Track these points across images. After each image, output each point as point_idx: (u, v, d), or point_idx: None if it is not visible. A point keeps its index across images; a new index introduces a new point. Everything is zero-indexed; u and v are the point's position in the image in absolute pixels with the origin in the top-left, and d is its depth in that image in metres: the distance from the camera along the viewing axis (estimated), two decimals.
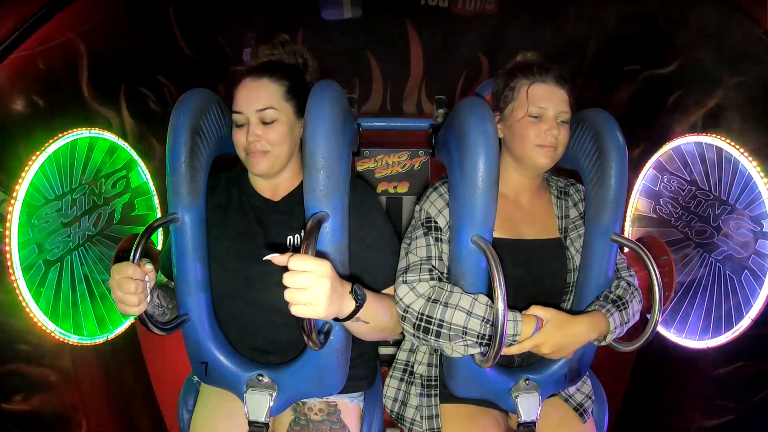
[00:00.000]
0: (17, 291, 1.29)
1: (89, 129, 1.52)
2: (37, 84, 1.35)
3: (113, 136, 1.63)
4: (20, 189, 1.30)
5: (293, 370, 1.13)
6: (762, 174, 1.41)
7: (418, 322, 1.06)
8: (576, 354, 1.18)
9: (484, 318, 1.03)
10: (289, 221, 1.19)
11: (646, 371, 1.93)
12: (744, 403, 1.55)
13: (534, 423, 1.18)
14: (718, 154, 1.53)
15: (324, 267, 0.84)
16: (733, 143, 1.48)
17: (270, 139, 1.14)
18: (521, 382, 1.18)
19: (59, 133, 1.41)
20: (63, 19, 1.33)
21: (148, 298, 1.01)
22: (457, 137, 1.08)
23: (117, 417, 1.76)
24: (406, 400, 1.31)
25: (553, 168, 1.23)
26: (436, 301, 1.05)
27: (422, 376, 1.29)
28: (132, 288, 0.96)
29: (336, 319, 0.96)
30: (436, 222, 1.17)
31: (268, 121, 1.13)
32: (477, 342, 1.03)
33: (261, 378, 1.14)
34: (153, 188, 1.83)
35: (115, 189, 1.67)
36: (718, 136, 1.52)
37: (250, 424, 1.14)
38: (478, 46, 2.30)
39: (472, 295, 1.05)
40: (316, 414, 1.22)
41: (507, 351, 1.05)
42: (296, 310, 0.83)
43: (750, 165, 1.43)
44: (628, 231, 1.91)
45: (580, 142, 1.23)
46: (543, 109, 1.15)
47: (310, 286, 0.82)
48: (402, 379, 1.34)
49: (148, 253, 1.07)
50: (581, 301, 1.20)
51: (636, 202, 1.88)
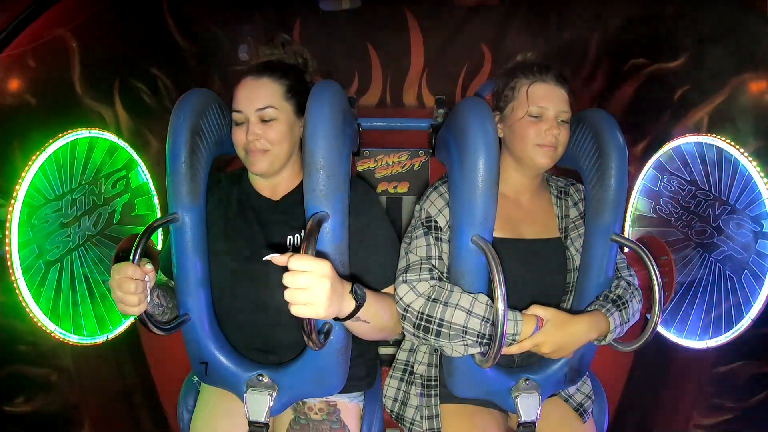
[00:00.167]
0: (17, 291, 1.29)
1: (89, 129, 1.52)
2: (28, 83, 1.34)
3: (113, 136, 1.63)
4: (20, 189, 1.30)
5: (293, 370, 1.13)
6: (762, 174, 1.41)
7: (418, 321, 1.06)
8: (576, 354, 1.18)
9: (484, 317, 1.03)
10: (289, 220, 1.19)
11: (644, 368, 1.93)
12: (742, 403, 1.54)
13: (534, 423, 1.18)
14: (718, 154, 1.53)
15: (324, 267, 0.84)
16: (733, 143, 1.48)
17: (270, 138, 1.14)
18: (521, 382, 1.18)
19: (59, 134, 1.41)
20: (52, 16, 1.32)
21: (148, 298, 1.02)
22: (457, 137, 1.08)
23: (119, 415, 1.76)
24: (406, 400, 1.31)
25: (553, 168, 1.23)
26: (436, 300, 1.05)
27: (422, 376, 1.29)
28: (132, 288, 0.97)
29: (336, 319, 0.96)
30: (436, 221, 1.16)
31: (267, 119, 1.14)
32: (477, 341, 1.03)
33: (261, 378, 1.14)
34: (153, 188, 1.83)
35: (115, 189, 1.67)
36: (718, 136, 1.52)
37: (250, 424, 1.14)
38: (480, 38, 2.21)
39: (472, 295, 1.05)
40: (316, 413, 1.22)
41: (507, 350, 1.05)
42: (296, 310, 0.83)
43: (750, 165, 1.43)
44: (628, 231, 1.91)
45: (580, 142, 1.23)
46: (543, 108, 1.15)
47: (310, 286, 0.82)
48: (402, 379, 1.34)
49: (148, 253, 1.07)
50: (581, 301, 1.20)
51: (636, 202, 1.88)
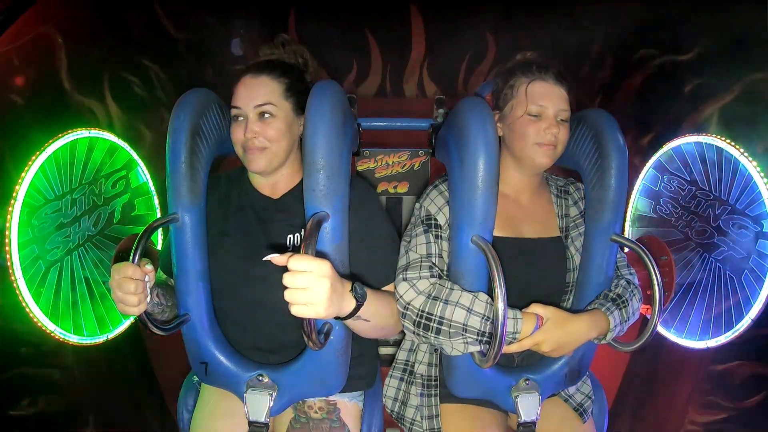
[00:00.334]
0: (17, 291, 1.29)
1: (89, 129, 1.52)
2: (14, 82, 1.32)
3: (113, 136, 1.63)
4: (20, 189, 1.30)
5: (293, 370, 1.13)
6: (762, 174, 1.41)
7: (418, 319, 1.06)
8: (576, 354, 1.18)
9: (484, 315, 1.03)
10: (290, 219, 1.19)
11: (640, 365, 1.93)
12: (738, 403, 1.54)
13: (534, 423, 1.18)
14: (718, 154, 1.53)
15: (324, 267, 0.84)
16: (734, 144, 1.48)
17: (268, 136, 1.14)
18: (521, 382, 1.18)
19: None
20: (36, 12, 1.30)
21: (148, 298, 1.02)
22: (457, 137, 1.08)
23: (123, 412, 1.76)
24: (406, 399, 1.31)
25: (552, 167, 1.23)
26: (436, 298, 1.05)
27: (423, 375, 1.29)
28: (132, 288, 0.97)
29: (337, 318, 0.96)
30: (436, 219, 1.17)
31: (266, 116, 1.14)
32: (477, 339, 1.03)
33: (261, 378, 1.14)
34: (153, 188, 1.83)
35: (115, 189, 1.67)
36: (718, 136, 1.52)
37: (250, 424, 1.14)
38: (485, 25, 2.12)
39: (473, 293, 1.06)
40: (316, 412, 1.22)
41: (507, 349, 1.05)
42: (296, 311, 0.83)
43: (750, 165, 1.43)
44: (628, 231, 1.91)
45: (580, 143, 1.23)
46: (542, 107, 1.15)
47: (310, 287, 0.82)
48: (402, 379, 1.34)
49: (148, 253, 1.07)
50: (581, 301, 1.20)
51: (636, 202, 1.88)
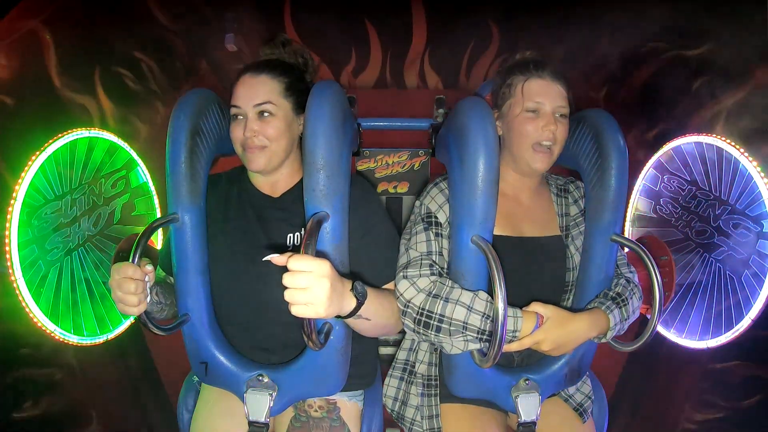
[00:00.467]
0: (17, 291, 1.29)
1: (89, 129, 1.52)
2: (3, 81, 1.30)
3: (113, 135, 1.63)
4: (20, 189, 1.30)
5: (293, 370, 1.13)
6: (762, 174, 1.41)
7: (418, 317, 1.06)
8: (576, 354, 1.18)
9: (485, 314, 1.03)
10: (290, 218, 1.19)
11: (638, 363, 1.94)
12: (734, 403, 1.54)
13: (534, 423, 1.18)
14: (718, 154, 1.53)
15: (323, 267, 0.84)
16: (733, 143, 1.48)
17: (267, 134, 1.14)
18: (521, 382, 1.18)
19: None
20: (22, 9, 1.28)
21: (148, 298, 1.02)
22: (457, 137, 1.08)
23: (126, 408, 1.76)
24: (406, 399, 1.31)
25: (553, 167, 1.22)
26: (436, 296, 1.05)
27: (423, 375, 1.29)
28: (132, 288, 0.97)
29: (338, 317, 0.96)
30: (436, 217, 1.16)
31: (265, 115, 1.14)
32: (477, 337, 1.03)
33: (261, 378, 1.14)
34: (153, 188, 1.83)
35: (115, 189, 1.67)
36: (719, 136, 1.52)
37: (250, 424, 1.13)
38: (488, 14, 2.06)
39: (473, 291, 1.06)
40: (316, 411, 1.22)
41: (507, 348, 1.05)
42: (296, 311, 0.83)
43: (750, 165, 1.43)
44: (628, 231, 1.91)
45: (580, 142, 1.23)
46: (539, 103, 1.15)
47: (310, 287, 0.82)
48: (402, 378, 1.34)
49: (147, 253, 1.07)
50: (581, 301, 1.20)
51: (636, 202, 1.88)
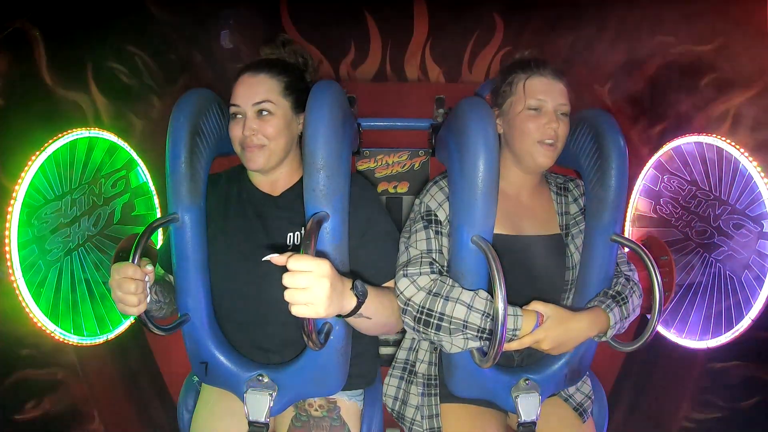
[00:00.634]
0: (17, 291, 1.29)
1: (88, 129, 1.52)
2: None
3: (113, 135, 1.63)
4: (20, 189, 1.30)
5: (293, 370, 1.13)
6: (762, 174, 1.41)
7: (418, 315, 1.06)
8: (576, 353, 1.18)
9: (485, 312, 1.03)
10: (290, 217, 1.19)
11: (637, 361, 1.93)
12: (733, 404, 1.54)
13: (534, 423, 1.18)
14: (718, 154, 1.53)
15: (323, 267, 0.84)
16: (733, 144, 1.48)
17: (267, 133, 1.14)
18: (521, 382, 1.18)
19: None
20: (7, 7, 1.26)
21: (148, 298, 1.02)
22: (457, 137, 1.08)
23: (128, 405, 1.76)
24: (406, 399, 1.31)
25: (552, 166, 1.22)
26: (437, 294, 1.05)
27: (423, 375, 1.29)
28: (132, 288, 0.97)
29: (338, 316, 0.96)
30: (436, 215, 1.16)
31: (264, 114, 1.14)
32: (477, 336, 1.03)
33: (261, 378, 1.14)
34: (153, 188, 1.83)
35: (115, 189, 1.67)
36: (719, 136, 1.52)
37: (250, 424, 1.13)
38: (493, 4, 2.01)
39: (473, 290, 1.06)
40: (317, 410, 1.22)
41: (507, 346, 1.05)
42: (296, 311, 0.83)
43: (750, 165, 1.43)
44: (628, 231, 1.91)
45: (580, 142, 1.23)
46: (541, 101, 1.15)
47: (310, 286, 0.82)
48: (402, 378, 1.34)
49: (147, 253, 1.07)
50: (581, 300, 1.20)
51: (636, 202, 1.88)
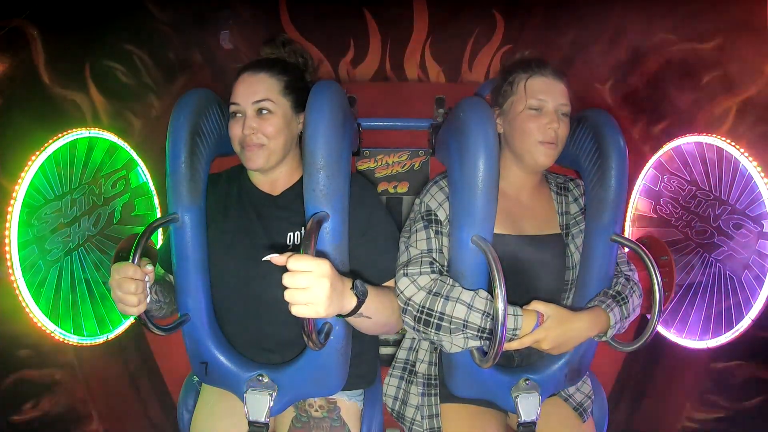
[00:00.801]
0: (17, 291, 1.29)
1: (88, 129, 1.52)
2: None
3: (113, 135, 1.63)
4: (20, 189, 1.30)
5: (293, 370, 1.13)
6: (762, 174, 1.41)
7: (418, 314, 1.06)
8: (577, 353, 1.18)
9: (485, 312, 1.03)
10: (290, 216, 1.19)
11: (637, 361, 1.93)
12: (735, 404, 1.54)
13: (534, 423, 1.18)
14: (718, 154, 1.53)
15: (323, 266, 0.84)
16: (733, 143, 1.48)
17: (266, 132, 1.14)
18: (521, 382, 1.18)
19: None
20: (5, 5, 1.25)
21: (148, 298, 1.02)
22: (457, 137, 1.08)
23: (127, 406, 1.76)
24: (406, 398, 1.31)
25: (552, 166, 1.23)
26: (437, 294, 1.06)
27: (423, 374, 1.29)
28: (132, 288, 0.97)
29: (339, 315, 0.96)
30: (436, 215, 1.16)
31: (264, 113, 1.14)
32: (477, 335, 1.03)
33: (261, 378, 1.14)
34: (153, 188, 1.83)
35: (115, 189, 1.67)
36: (719, 136, 1.52)
37: (250, 424, 1.13)
38: (493, 2, 2.02)
39: (473, 290, 1.06)
40: (317, 410, 1.22)
41: (508, 346, 1.05)
42: (296, 311, 0.83)
43: (750, 165, 1.43)
44: (628, 231, 1.91)
45: (580, 142, 1.23)
46: (542, 101, 1.15)
47: (310, 286, 0.82)
48: (402, 378, 1.34)
49: (147, 253, 1.07)
50: (581, 300, 1.20)
51: (636, 202, 1.88)
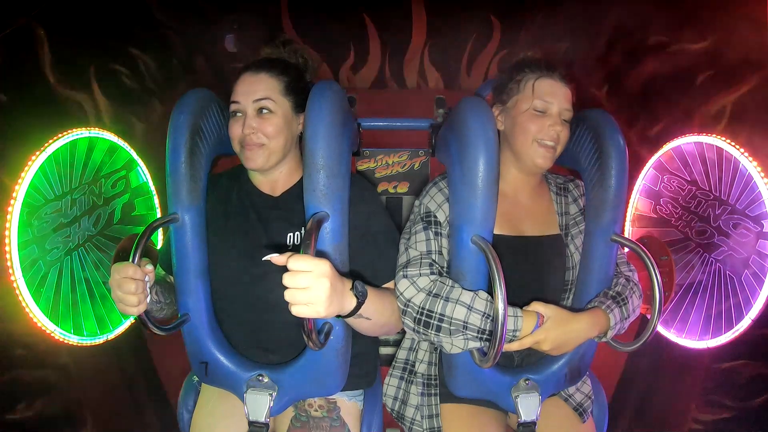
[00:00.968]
0: (17, 291, 1.29)
1: (88, 129, 1.52)
2: None
3: (113, 135, 1.63)
4: (20, 189, 1.30)
5: (293, 370, 1.13)
6: (762, 174, 1.41)
7: (418, 316, 1.06)
8: (577, 354, 1.18)
9: (485, 313, 1.03)
10: (290, 217, 1.19)
11: (640, 363, 1.93)
12: (741, 403, 1.54)
13: (534, 423, 1.18)
14: (718, 154, 1.53)
15: (323, 266, 0.84)
16: (733, 143, 1.48)
17: (266, 132, 1.14)
18: (521, 382, 1.18)
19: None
20: (14, 4, 1.26)
21: (148, 298, 1.02)
22: (457, 137, 1.08)
23: (123, 409, 1.75)
24: (406, 398, 1.31)
25: (552, 166, 1.22)
26: (437, 295, 1.05)
27: (423, 374, 1.29)
28: (132, 288, 0.97)
29: (338, 316, 0.96)
30: (435, 216, 1.16)
31: (264, 112, 1.14)
32: (477, 336, 1.03)
33: (261, 378, 1.14)
34: (153, 188, 1.83)
35: (115, 189, 1.67)
36: (719, 136, 1.52)
37: (250, 424, 1.13)
38: (489, 8, 2.05)
39: (473, 291, 1.06)
40: (316, 410, 1.22)
41: (508, 347, 1.05)
42: (296, 311, 0.83)
43: (750, 165, 1.43)
44: (628, 231, 1.91)
45: (580, 142, 1.23)
46: (548, 103, 1.15)
47: (310, 286, 0.82)
48: (402, 378, 1.34)
49: (147, 253, 1.07)
50: (581, 301, 1.20)
51: (636, 202, 1.88)
